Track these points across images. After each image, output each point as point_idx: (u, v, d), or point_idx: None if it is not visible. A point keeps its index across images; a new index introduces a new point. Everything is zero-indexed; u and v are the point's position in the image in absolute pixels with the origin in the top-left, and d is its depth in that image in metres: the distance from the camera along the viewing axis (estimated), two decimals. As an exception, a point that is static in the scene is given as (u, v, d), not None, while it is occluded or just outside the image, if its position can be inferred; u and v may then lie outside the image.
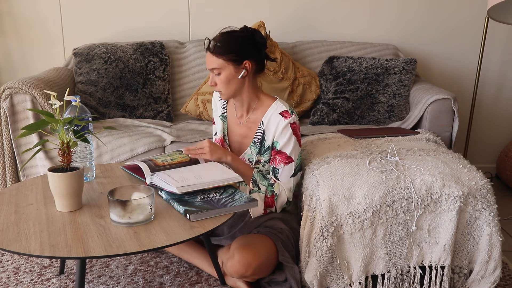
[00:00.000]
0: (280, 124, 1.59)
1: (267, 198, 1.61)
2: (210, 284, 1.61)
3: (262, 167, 1.67)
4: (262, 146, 1.65)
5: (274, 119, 1.61)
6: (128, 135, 2.09)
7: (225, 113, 1.76)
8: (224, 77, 1.57)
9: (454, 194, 1.47)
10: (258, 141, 1.66)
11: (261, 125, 1.65)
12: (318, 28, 2.74)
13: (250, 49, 1.58)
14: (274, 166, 1.64)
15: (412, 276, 1.51)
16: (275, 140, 1.62)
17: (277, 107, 1.62)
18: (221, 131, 1.76)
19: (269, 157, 1.66)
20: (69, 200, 1.31)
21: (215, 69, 1.57)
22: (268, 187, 1.61)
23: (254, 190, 1.61)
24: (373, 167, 1.56)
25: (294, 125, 1.60)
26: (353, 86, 2.38)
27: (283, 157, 1.61)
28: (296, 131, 1.60)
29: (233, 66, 1.56)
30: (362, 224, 1.46)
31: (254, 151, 1.67)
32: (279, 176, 1.63)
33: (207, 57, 1.59)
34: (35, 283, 1.61)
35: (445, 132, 2.15)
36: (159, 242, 1.16)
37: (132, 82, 2.40)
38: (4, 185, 2.13)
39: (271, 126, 1.62)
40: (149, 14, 2.69)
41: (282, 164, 1.61)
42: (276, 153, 1.62)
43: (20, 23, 2.67)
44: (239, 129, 1.72)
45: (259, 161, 1.67)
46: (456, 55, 2.79)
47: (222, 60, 1.55)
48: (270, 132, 1.63)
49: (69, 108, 1.50)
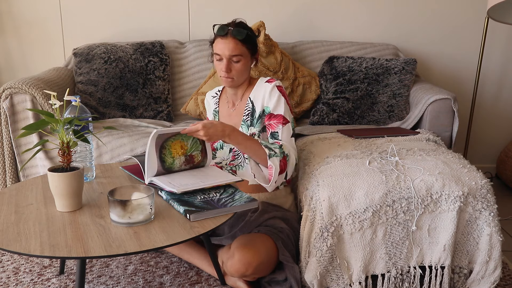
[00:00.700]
0: (267, 88, 1.64)
1: (280, 160, 1.52)
2: (210, 284, 1.61)
3: (257, 138, 1.65)
4: (254, 118, 1.67)
5: (260, 89, 1.67)
6: (128, 135, 2.09)
7: (217, 108, 1.80)
8: (243, 65, 1.62)
9: (454, 194, 1.47)
10: (247, 117, 1.68)
11: (248, 100, 1.69)
12: (318, 28, 2.74)
13: (256, 43, 1.68)
14: (273, 131, 1.63)
15: (412, 276, 1.51)
16: (265, 106, 1.65)
17: (261, 80, 1.69)
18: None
19: (261, 126, 1.66)
20: (69, 200, 1.31)
21: (236, 56, 1.60)
22: (280, 149, 1.54)
23: (272, 154, 1.51)
24: (373, 167, 1.56)
25: (281, 87, 1.64)
26: (353, 86, 2.38)
27: (279, 118, 1.62)
28: (283, 92, 1.64)
29: (250, 55, 1.65)
30: (362, 224, 1.46)
31: (245, 129, 1.70)
32: (280, 137, 1.62)
33: (227, 44, 1.58)
34: (35, 283, 1.61)
35: (445, 132, 2.15)
36: (159, 242, 1.16)
37: (132, 82, 2.40)
38: (4, 185, 2.13)
39: (259, 96, 1.66)
40: (149, 14, 2.69)
41: (281, 125, 1.62)
42: (270, 117, 1.63)
43: (20, 23, 2.67)
44: (232, 119, 1.75)
45: (253, 134, 1.67)
46: (456, 55, 2.79)
47: (245, 48, 1.61)
48: (258, 101, 1.66)
49: (69, 108, 1.50)
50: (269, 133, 1.64)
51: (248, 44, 1.61)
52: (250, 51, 1.64)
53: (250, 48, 1.63)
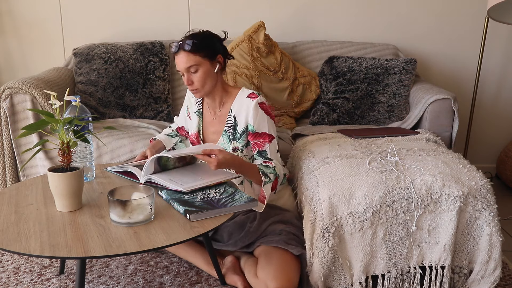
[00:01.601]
0: (249, 106, 1.64)
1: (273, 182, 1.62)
2: (210, 284, 1.61)
3: (240, 153, 1.69)
4: (236, 132, 1.68)
5: (242, 103, 1.66)
6: (128, 136, 2.09)
7: (201, 109, 1.81)
8: (202, 73, 1.62)
9: (454, 194, 1.47)
10: (229, 129, 1.69)
11: (230, 112, 1.69)
12: (318, 28, 2.74)
13: (217, 44, 1.67)
14: (260, 150, 1.66)
15: (412, 276, 1.51)
16: (249, 123, 1.65)
17: (243, 93, 1.68)
18: (197, 126, 1.80)
19: (245, 142, 1.67)
20: (69, 200, 1.31)
21: (192, 66, 1.61)
22: (273, 171, 1.62)
23: (267, 181, 1.60)
24: (373, 167, 1.56)
25: (263, 104, 1.65)
26: (353, 86, 2.38)
27: (265, 136, 1.64)
28: (266, 109, 1.65)
29: (209, 61, 1.63)
30: (362, 224, 1.46)
31: (226, 140, 1.71)
32: (269, 155, 1.65)
33: (180, 58, 1.62)
34: (35, 283, 1.61)
35: (445, 132, 2.15)
36: (159, 242, 1.16)
37: (132, 82, 2.40)
38: (4, 185, 2.13)
39: (241, 111, 1.66)
40: (149, 14, 2.69)
41: (267, 144, 1.64)
42: (255, 136, 1.65)
43: (20, 23, 2.67)
44: (213, 126, 1.76)
45: (236, 148, 1.69)
46: (456, 55, 2.79)
47: (199, 57, 1.60)
48: (241, 116, 1.66)
49: (69, 108, 1.50)
50: (255, 151, 1.67)
51: (200, 51, 1.60)
52: (208, 58, 1.62)
53: (205, 55, 1.61)
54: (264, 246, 1.57)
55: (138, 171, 1.55)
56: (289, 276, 1.47)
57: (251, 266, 1.56)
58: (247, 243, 1.61)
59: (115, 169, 1.64)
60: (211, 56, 1.63)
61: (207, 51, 1.62)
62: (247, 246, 1.62)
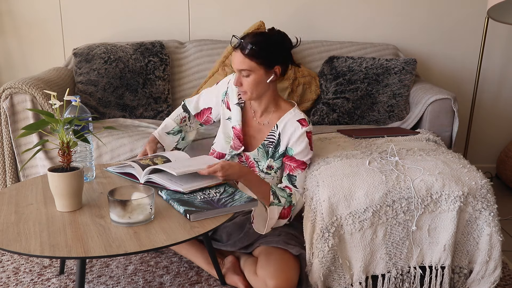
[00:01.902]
0: (297, 131, 1.59)
1: (284, 209, 1.59)
2: (210, 284, 1.61)
3: (274, 174, 1.65)
4: (276, 151, 1.64)
5: (291, 125, 1.61)
6: (128, 135, 2.09)
7: (243, 105, 1.71)
8: (253, 80, 1.54)
9: (454, 194, 1.47)
10: (269, 143, 1.65)
11: (275, 128, 1.63)
12: (318, 28, 2.74)
13: (281, 54, 1.57)
14: (291, 174, 1.62)
15: (412, 276, 1.51)
16: (289, 147, 1.62)
17: (294, 113, 1.62)
18: (238, 121, 1.69)
19: (281, 164, 1.65)
20: (69, 200, 1.31)
21: (244, 70, 1.54)
22: (287, 198, 1.59)
23: (275, 202, 1.57)
24: (373, 167, 1.56)
25: (310, 135, 1.61)
26: (353, 86, 2.38)
27: (300, 163, 1.61)
28: (311, 140, 1.62)
29: (264, 70, 1.54)
30: (362, 224, 1.46)
31: (261, 153, 1.66)
32: (297, 183, 1.62)
33: (236, 56, 1.54)
34: (35, 283, 1.61)
35: (445, 132, 2.15)
36: (159, 242, 1.16)
37: (132, 82, 2.40)
38: (4, 185, 2.13)
39: (287, 131, 1.61)
40: (149, 14, 2.69)
41: (300, 170, 1.62)
42: (291, 159, 1.62)
43: (20, 23, 2.67)
44: (251, 129, 1.70)
45: (271, 167, 1.65)
46: (456, 55, 2.79)
47: (254, 63, 1.52)
48: (285, 137, 1.62)
49: (69, 108, 1.50)
50: (286, 173, 1.64)
51: (257, 58, 1.51)
52: (263, 66, 1.53)
53: (261, 62, 1.52)
54: (263, 246, 1.57)
55: (138, 171, 1.55)
56: (288, 275, 1.47)
57: (251, 265, 1.57)
58: (246, 244, 1.61)
59: (115, 169, 1.64)
60: (267, 65, 1.54)
61: (265, 60, 1.52)
62: (246, 247, 1.62)
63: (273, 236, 1.58)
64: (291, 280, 1.47)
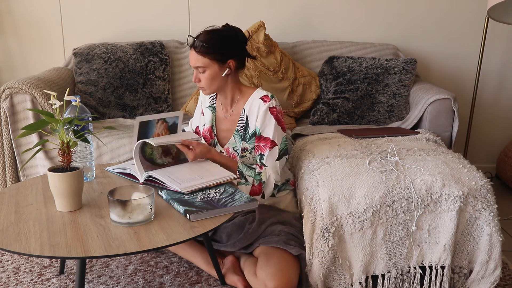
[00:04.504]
0: (260, 108, 1.65)
1: (254, 186, 1.65)
2: (210, 284, 1.61)
3: (249, 154, 1.70)
4: (247, 133, 1.69)
5: (255, 104, 1.67)
6: (128, 135, 2.09)
7: (214, 104, 1.81)
8: (209, 75, 1.63)
9: (454, 194, 1.47)
10: (241, 128, 1.70)
11: (243, 112, 1.70)
12: (318, 28, 2.74)
13: (233, 49, 1.64)
14: (261, 153, 1.67)
15: (412, 276, 1.51)
16: (256, 125, 1.66)
17: (258, 94, 1.68)
18: (210, 121, 1.80)
19: (253, 144, 1.69)
20: (69, 200, 1.31)
21: (200, 67, 1.62)
22: (256, 176, 1.65)
23: (242, 182, 1.64)
24: (373, 167, 1.56)
25: (274, 109, 1.64)
26: (353, 86, 2.38)
27: (267, 142, 1.65)
28: (276, 115, 1.65)
29: (218, 65, 1.63)
30: (362, 224, 1.46)
31: (237, 140, 1.72)
32: (265, 161, 1.66)
33: (191, 54, 1.64)
34: (35, 283, 1.61)
35: (445, 132, 2.15)
36: (159, 242, 1.16)
37: (132, 82, 2.40)
38: (4, 185, 2.13)
39: (253, 111, 1.67)
40: (149, 14, 2.69)
41: (267, 150, 1.65)
42: (259, 139, 1.67)
43: (20, 23, 2.67)
44: (225, 124, 1.77)
45: (245, 149, 1.70)
46: (456, 55, 2.79)
47: (207, 59, 1.61)
48: (253, 117, 1.67)
49: (69, 108, 1.50)
50: (257, 153, 1.69)
51: (209, 54, 1.59)
52: (216, 61, 1.61)
53: (214, 58, 1.60)
54: (263, 246, 1.57)
55: (140, 169, 1.54)
56: (288, 275, 1.47)
57: (250, 265, 1.57)
58: (246, 244, 1.61)
59: (115, 169, 1.64)
60: (220, 60, 1.62)
61: (217, 55, 1.60)
62: (246, 247, 1.62)
63: (272, 236, 1.58)
64: (291, 280, 1.47)
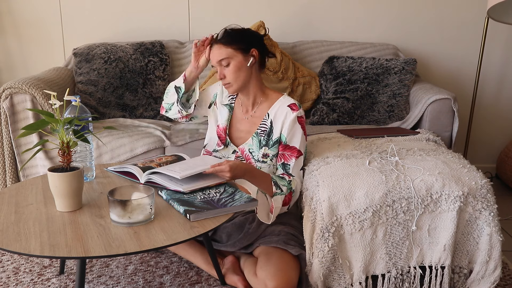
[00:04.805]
0: (288, 116, 1.63)
1: (286, 196, 1.62)
2: (210, 284, 1.61)
3: (270, 161, 1.67)
4: (270, 139, 1.67)
5: (281, 111, 1.65)
6: (128, 135, 2.09)
7: (233, 104, 1.77)
8: (234, 66, 1.62)
9: (454, 194, 1.47)
10: (262, 132, 1.68)
11: (267, 116, 1.68)
12: (318, 28, 2.74)
13: (255, 39, 1.67)
14: (285, 162, 1.66)
15: (412, 276, 1.51)
16: (282, 134, 1.65)
17: (284, 100, 1.67)
18: (226, 120, 1.76)
19: (276, 151, 1.67)
20: (69, 200, 1.31)
21: (223, 59, 1.62)
22: (287, 185, 1.63)
23: (278, 192, 1.61)
24: (373, 167, 1.56)
25: (302, 119, 1.64)
26: (353, 86, 2.38)
27: (294, 151, 1.64)
28: (303, 124, 1.65)
29: (242, 54, 1.62)
30: (362, 224, 1.46)
31: (255, 143, 1.69)
32: (291, 171, 1.65)
33: (214, 51, 1.63)
34: (35, 283, 1.61)
35: (445, 132, 2.15)
36: (159, 242, 1.16)
37: (132, 82, 2.40)
38: (4, 185, 2.13)
39: (279, 118, 1.65)
40: (149, 14, 2.69)
41: (294, 159, 1.64)
42: (284, 148, 1.65)
43: (20, 23, 2.67)
44: (243, 124, 1.74)
45: (267, 155, 1.67)
46: (456, 55, 2.79)
47: (231, 49, 1.61)
48: (278, 124, 1.66)
49: (69, 108, 1.50)
50: (280, 162, 1.67)
51: (233, 44, 1.60)
52: (240, 51, 1.61)
53: (238, 47, 1.61)
54: (263, 246, 1.57)
55: (139, 171, 1.55)
56: (288, 275, 1.47)
57: (250, 265, 1.57)
58: (246, 244, 1.61)
59: (115, 169, 1.64)
60: (244, 49, 1.62)
61: (240, 44, 1.61)
62: (246, 247, 1.62)
63: (272, 236, 1.58)
64: (291, 280, 1.47)
